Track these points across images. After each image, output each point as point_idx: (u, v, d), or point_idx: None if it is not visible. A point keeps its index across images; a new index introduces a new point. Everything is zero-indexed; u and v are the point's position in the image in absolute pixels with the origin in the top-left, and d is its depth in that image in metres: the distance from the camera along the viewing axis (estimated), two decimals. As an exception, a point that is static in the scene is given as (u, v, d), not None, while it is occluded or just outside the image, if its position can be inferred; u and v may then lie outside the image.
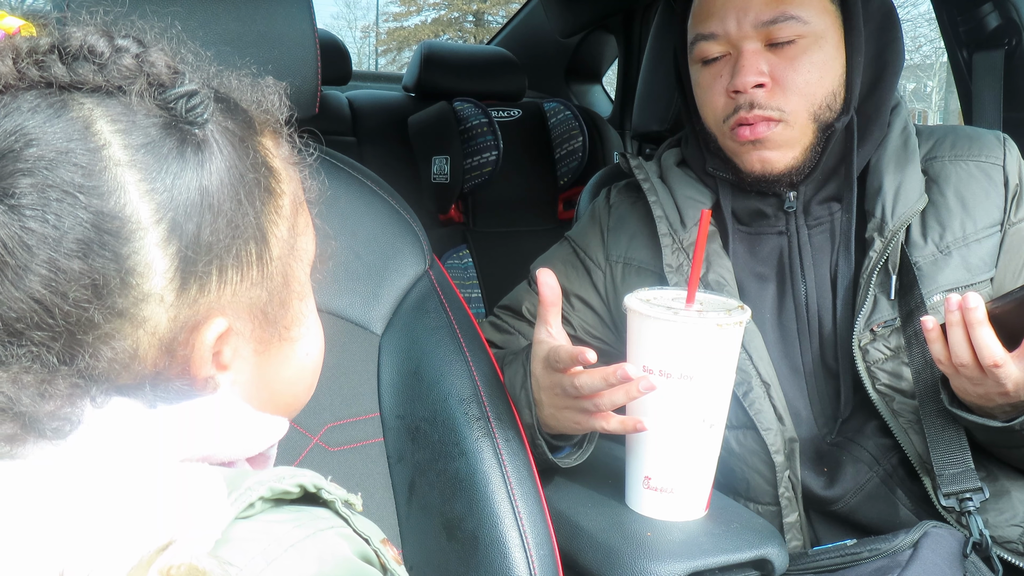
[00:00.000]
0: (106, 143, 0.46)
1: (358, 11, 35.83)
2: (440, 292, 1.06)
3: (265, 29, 0.97)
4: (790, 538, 1.05)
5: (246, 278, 0.50)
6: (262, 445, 0.52)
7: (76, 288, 0.44)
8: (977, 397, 0.93)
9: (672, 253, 1.13)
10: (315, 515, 0.46)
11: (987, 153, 1.10)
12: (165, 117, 0.48)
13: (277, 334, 0.54)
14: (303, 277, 0.57)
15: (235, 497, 0.44)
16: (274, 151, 0.54)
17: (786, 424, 1.06)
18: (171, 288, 0.47)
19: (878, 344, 1.05)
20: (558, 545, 0.93)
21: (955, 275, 1.05)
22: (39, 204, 0.44)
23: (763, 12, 1.04)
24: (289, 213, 0.54)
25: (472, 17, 27.53)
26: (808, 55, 1.05)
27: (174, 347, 0.48)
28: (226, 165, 0.49)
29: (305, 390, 0.60)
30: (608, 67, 2.87)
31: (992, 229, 1.07)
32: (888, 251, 1.06)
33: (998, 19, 1.48)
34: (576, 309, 1.20)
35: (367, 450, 0.99)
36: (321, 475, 0.48)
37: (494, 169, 2.21)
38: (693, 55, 1.11)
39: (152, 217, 0.46)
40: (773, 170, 1.08)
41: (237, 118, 0.52)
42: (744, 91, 1.04)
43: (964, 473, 1.00)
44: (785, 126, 1.05)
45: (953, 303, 0.88)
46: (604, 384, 0.85)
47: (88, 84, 0.47)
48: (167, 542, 0.40)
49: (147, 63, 0.48)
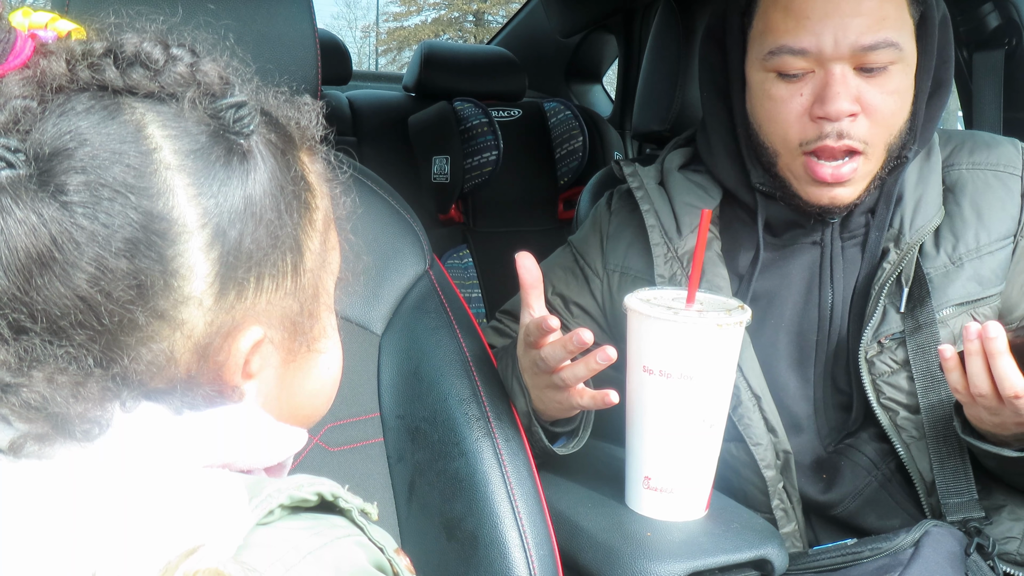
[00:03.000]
0: (157, 147, 0.46)
1: (358, 11, 35.82)
2: (440, 292, 1.06)
3: (265, 29, 0.97)
4: (788, 547, 1.04)
5: (280, 288, 0.51)
6: (281, 456, 0.53)
7: (121, 288, 0.44)
8: (993, 426, 0.91)
9: (665, 263, 1.10)
10: (332, 523, 0.46)
11: (1005, 162, 1.08)
12: (214, 126, 0.49)
13: (305, 345, 0.55)
14: (331, 291, 0.58)
15: (256, 504, 0.44)
16: (310, 166, 0.56)
17: (779, 436, 1.05)
18: (211, 292, 0.47)
19: (884, 357, 1.04)
20: (558, 545, 0.93)
21: (965, 288, 1.03)
22: (90, 202, 0.44)
23: (864, 36, 0.96)
24: (322, 227, 0.55)
25: (472, 17, 27.52)
26: (896, 81, 0.99)
27: (208, 352, 0.48)
28: (268, 176, 0.50)
29: (324, 403, 0.60)
30: (608, 67, 2.87)
31: (1005, 241, 1.05)
32: (903, 264, 1.04)
33: (998, 19, 1.47)
34: (576, 317, 1.19)
35: (367, 450, 0.99)
36: (339, 484, 0.49)
37: (494, 169, 2.21)
38: (769, 65, 1.02)
39: (198, 221, 0.47)
40: (840, 205, 1.04)
41: (279, 132, 0.53)
42: (837, 119, 0.98)
43: (968, 503, 1.00)
44: (864, 160, 1.00)
45: (972, 332, 0.85)
46: (564, 352, 0.85)
47: (141, 89, 0.48)
48: (194, 547, 0.40)
49: (200, 72, 0.50)
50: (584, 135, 2.30)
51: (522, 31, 2.82)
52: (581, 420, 1.01)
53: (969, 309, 1.03)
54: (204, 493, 0.43)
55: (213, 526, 0.42)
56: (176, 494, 0.43)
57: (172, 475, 0.44)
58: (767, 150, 1.06)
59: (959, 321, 1.03)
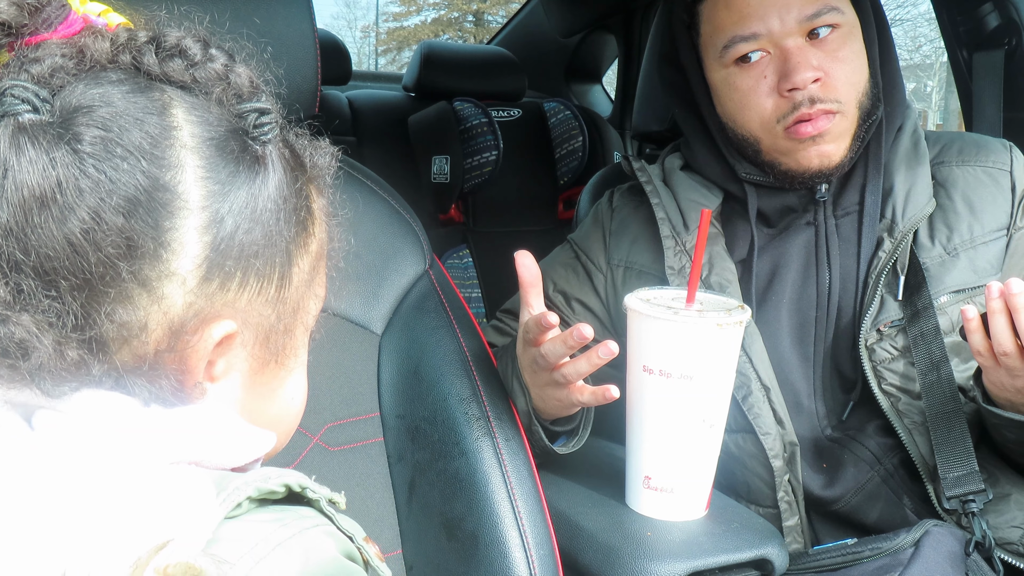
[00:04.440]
0: (178, 126, 0.49)
1: (358, 11, 35.83)
2: (440, 292, 1.06)
3: (265, 29, 0.97)
4: (790, 541, 1.05)
5: (264, 293, 0.52)
6: (249, 457, 0.53)
7: (112, 242, 0.46)
8: (1014, 392, 0.92)
9: (675, 255, 1.12)
10: (300, 514, 0.47)
11: (994, 159, 1.11)
12: (235, 124, 0.51)
13: (274, 359, 0.55)
14: (310, 322, 0.59)
15: (223, 497, 0.45)
16: (316, 198, 0.58)
17: (786, 428, 1.06)
18: (196, 274, 0.48)
19: (885, 344, 1.06)
20: (558, 545, 0.93)
21: (962, 276, 1.05)
22: (102, 155, 0.46)
23: (806, 6, 1.03)
24: (314, 255, 0.57)
25: (472, 17, 27.53)
26: (848, 45, 1.05)
27: (180, 335, 0.49)
28: (275, 186, 0.52)
29: (285, 431, 0.61)
30: (608, 67, 2.87)
31: (999, 233, 1.07)
32: (897, 252, 1.06)
33: (998, 19, 1.48)
34: (577, 313, 1.20)
35: (367, 450, 0.99)
36: (305, 475, 0.49)
37: (494, 169, 2.21)
38: (725, 59, 1.07)
39: (200, 202, 0.48)
40: (831, 164, 1.06)
41: (294, 154, 0.56)
42: (803, 88, 1.02)
43: (969, 476, 1.00)
44: (841, 117, 1.04)
45: (995, 290, 0.86)
46: (565, 348, 0.85)
47: (175, 78, 0.50)
48: (163, 542, 0.41)
49: (233, 73, 0.52)
50: (584, 135, 2.30)
51: (522, 31, 2.82)
52: (581, 419, 1.01)
53: (966, 297, 1.05)
54: (172, 489, 0.44)
55: (182, 521, 0.42)
56: (145, 490, 0.44)
57: (140, 471, 0.45)
58: (748, 141, 1.10)
59: (956, 309, 1.04)
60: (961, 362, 1.05)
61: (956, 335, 1.04)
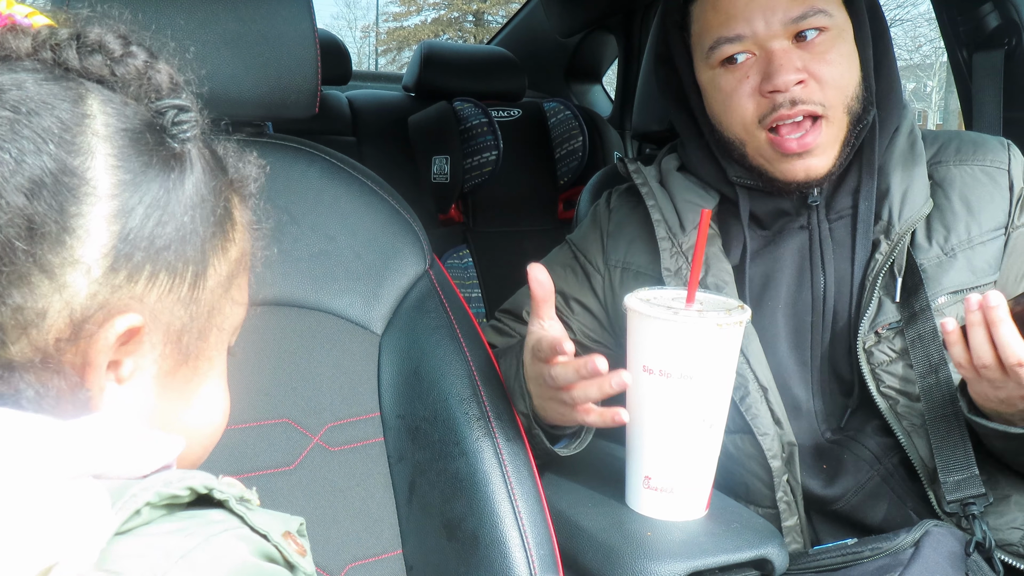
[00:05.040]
0: (92, 114, 0.48)
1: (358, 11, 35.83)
2: (440, 292, 1.06)
3: (265, 29, 0.97)
4: (789, 541, 1.05)
5: (175, 291, 0.51)
6: (154, 464, 0.50)
7: (9, 222, 0.44)
8: (998, 402, 0.92)
9: (671, 257, 1.12)
10: (207, 520, 0.45)
11: (992, 158, 1.10)
12: (152, 120, 0.50)
13: (185, 363, 0.54)
14: (227, 327, 0.57)
15: (120, 505, 0.42)
16: (239, 206, 0.57)
17: (784, 428, 1.06)
18: (101, 264, 0.47)
19: (883, 346, 1.05)
20: (558, 545, 0.93)
21: (960, 277, 1.05)
22: (8, 136, 0.45)
23: (792, 9, 1.02)
24: (234, 262, 0.56)
25: (472, 17, 27.53)
26: (836, 48, 1.04)
27: (81, 328, 0.47)
28: (193, 184, 0.51)
29: (200, 444, 0.58)
30: (608, 67, 2.87)
31: (997, 232, 1.07)
32: (894, 254, 1.06)
33: (998, 19, 1.48)
34: (576, 313, 1.20)
35: (367, 450, 0.99)
36: (212, 474, 0.47)
37: (494, 169, 2.21)
38: (711, 60, 1.07)
39: (109, 191, 0.47)
40: (818, 175, 1.06)
41: (216, 159, 0.55)
42: (785, 90, 1.02)
43: (969, 479, 1.00)
44: (827, 123, 1.04)
45: (974, 303, 0.86)
46: (577, 376, 0.85)
47: (94, 74, 0.49)
48: (48, 566, 0.39)
49: (153, 70, 0.51)
50: (584, 135, 2.30)
51: (522, 31, 2.82)
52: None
53: (964, 298, 1.04)
54: (61, 506, 0.41)
55: (69, 540, 0.40)
56: (31, 511, 0.40)
57: (30, 489, 0.42)
58: (734, 143, 1.10)
59: (954, 310, 1.04)
60: None
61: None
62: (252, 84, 0.97)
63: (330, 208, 1.05)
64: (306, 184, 1.05)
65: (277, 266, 0.99)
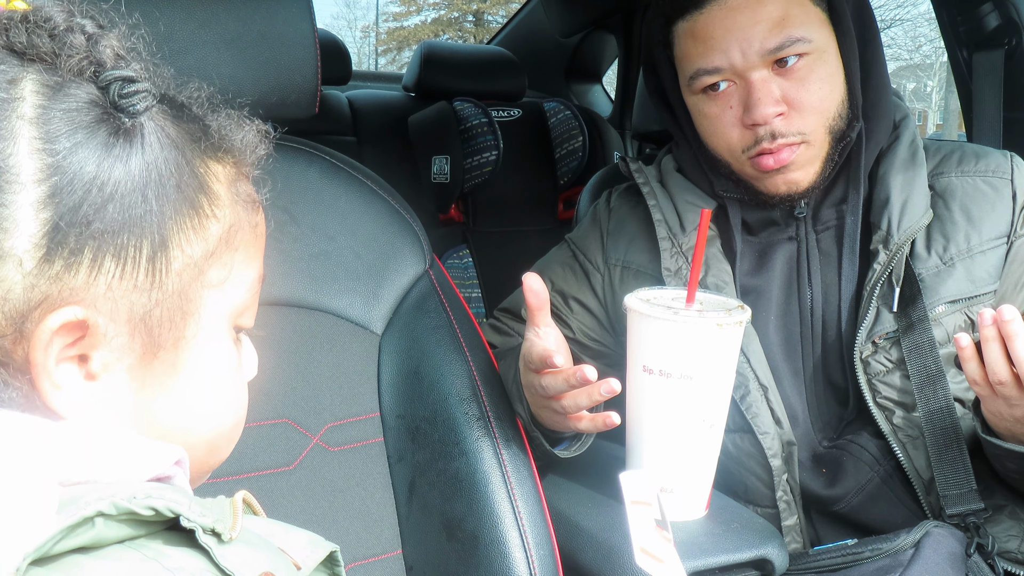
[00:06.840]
0: (21, 98, 0.45)
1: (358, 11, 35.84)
2: (440, 292, 1.06)
3: (265, 29, 0.97)
4: (789, 540, 1.05)
5: (128, 277, 0.47)
6: (144, 472, 0.47)
7: None
8: (1013, 421, 0.90)
9: (671, 257, 1.12)
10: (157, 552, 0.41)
11: (994, 168, 1.10)
12: (96, 96, 0.47)
13: (159, 354, 0.50)
14: (210, 313, 0.52)
15: (71, 512, 0.39)
16: (221, 177, 0.53)
17: (784, 428, 1.06)
18: (34, 255, 0.44)
19: (879, 356, 1.05)
20: (558, 545, 0.93)
21: (958, 286, 1.04)
22: None
23: (768, 40, 1.01)
24: (215, 240, 0.52)
25: (472, 17, 27.54)
26: (816, 71, 1.03)
27: (24, 324, 0.45)
28: (144, 161, 0.48)
29: (200, 448, 0.53)
30: (608, 67, 2.88)
31: (998, 241, 1.06)
32: (892, 264, 1.05)
33: (998, 19, 1.48)
34: (575, 312, 1.20)
35: (367, 450, 0.99)
36: (189, 496, 0.43)
37: (494, 169, 2.21)
38: (694, 87, 1.07)
39: (34, 176, 0.44)
40: (799, 189, 1.07)
41: (185, 130, 0.51)
42: (765, 123, 1.02)
43: (968, 494, 1.00)
44: (807, 146, 1.04)
45: (988, 317, 0.84)
46: (566, 386, 0.85)
47: (38, 51, 0.47)
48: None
49: (97, 45, 0.48)
50: (584, 135, 2.30)
51: (522, 31, 2.82)
52: None
53: (963, 307, 1.04)
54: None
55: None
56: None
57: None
58: (719, 161, 1.11)
59: (952, 320, 1.04)
60: (958, 373, 1.04)
61: (952, 346, 1.02)
62: (252, 84, 0.97)
63: (330, 208, 1.05)
64: (306, 184, 1.05)
65: (277, 266, 0.99)
